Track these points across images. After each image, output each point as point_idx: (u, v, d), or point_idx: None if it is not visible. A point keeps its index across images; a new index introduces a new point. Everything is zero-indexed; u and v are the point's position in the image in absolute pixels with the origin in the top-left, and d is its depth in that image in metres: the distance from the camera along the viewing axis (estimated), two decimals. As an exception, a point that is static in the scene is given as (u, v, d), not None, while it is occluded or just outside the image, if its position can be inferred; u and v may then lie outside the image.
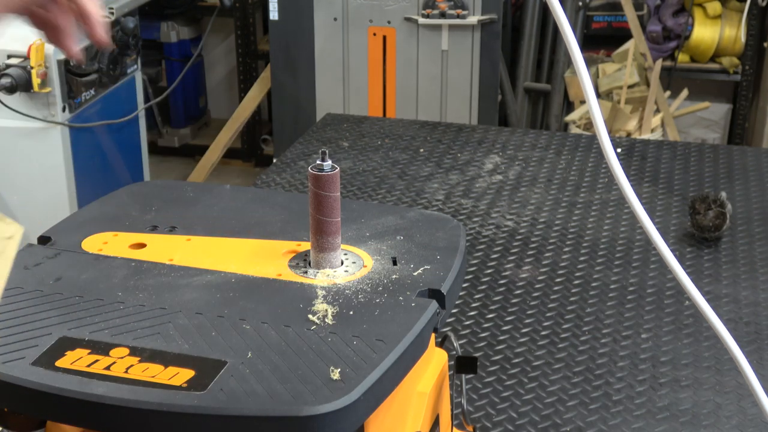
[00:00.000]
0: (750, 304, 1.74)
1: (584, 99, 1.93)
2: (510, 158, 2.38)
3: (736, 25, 4.22)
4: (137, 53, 3.38)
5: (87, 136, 3.14)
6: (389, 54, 3.60)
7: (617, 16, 4.36)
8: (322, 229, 1.02)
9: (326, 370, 0.85)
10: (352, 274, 1.03)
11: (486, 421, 1.44)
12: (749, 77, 4.29)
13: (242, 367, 0.86)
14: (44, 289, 0.99)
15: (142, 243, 1.08)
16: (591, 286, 1.79)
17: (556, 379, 1.53)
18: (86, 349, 0.89)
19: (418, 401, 1.02)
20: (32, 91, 2.90)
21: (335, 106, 3.66)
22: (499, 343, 1.62)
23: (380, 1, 3.54)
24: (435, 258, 1.06)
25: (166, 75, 4.85)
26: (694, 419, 1.43)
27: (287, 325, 0.92)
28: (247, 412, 0.81)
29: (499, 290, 1.78)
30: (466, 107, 3.61)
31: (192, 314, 0.94)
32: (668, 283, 1.79)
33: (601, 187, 2.21)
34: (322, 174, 1.00)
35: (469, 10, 3.47)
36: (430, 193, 2.19)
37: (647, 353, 1.59)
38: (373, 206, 1.24)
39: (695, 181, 2.26)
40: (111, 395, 0.82)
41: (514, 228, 2.02)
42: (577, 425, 1.42)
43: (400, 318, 0.94)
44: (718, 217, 1.93)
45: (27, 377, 0.85)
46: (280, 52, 3.74)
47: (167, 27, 4.78)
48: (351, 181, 2.24)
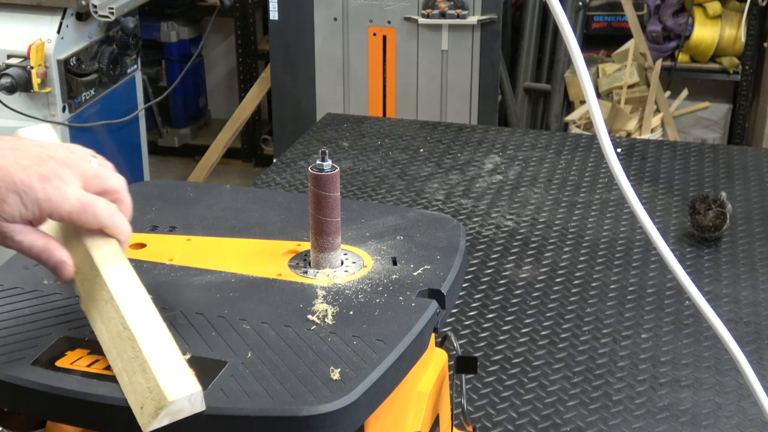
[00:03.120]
0: (750, 304, 1.74)
1: (584, 99, 1.93)
2: (510, 158, 2.38)
3: (736, 25, 4.22)
4: (137, 53, 3.37)
5: (87, 136, 3.14)
6: (389, 54, 3.60)
7: (617, 16, 4.36)
8: (322, 229, 1.02)
9: (326, 370, 0.85)
10: (352, 274, 1.02)
11: (486, 421, 1.44)
12: (749, 77, 4.29)
13: (242, 367, 0.86)
14: (44, 289, 0.99)
15: (142, 243, 1.08)
16: (591, 286, 1.79)
17: (556, 379, 1.53)
18: (86, 349, 0.89)
19: (418, 401, 1.02)
20: (32, 91, 2.90)
21: (335, 106, 3.66)
22: (499, 343, 1.62)
23: (380, 1, 3.54)
24: (435, 258, 1.06)
25: (166, 75, 4.85)
26: (694, 419, 1.43)
27: (287, 325, 0.92)
28: (247, 412, 0.81)
29: (499, 290, 1.78)
30: (466, 107, 3.61)
31: (192, 314, 0.94)
32: (668, 283, 1.79)
33: (601, 187, 2.21)
34: (322, 174, 1.00)
35: (469, 10, 3.47)
36: (430, 193, 2.19)
37: (647, 353, 1.59)
38: (373, 206, 1.24)
39: (695, 181, 2.26)
40: (111, 395, 0.82)
41: (514, 228, 2.02)
42: (577, 425, 1.42)
43: (400, 318, 0.94)
44: (718, 217, 1.93)
45: (27, 377, 0.85)
46: (280, 52, 3.74)
47: (167, 27, 4.78)
48: (351, 181, 2.24)
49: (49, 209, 0.87)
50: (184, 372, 0.81)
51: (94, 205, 0.89)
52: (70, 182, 0.88)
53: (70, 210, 0.88)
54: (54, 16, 2.96)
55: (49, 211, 0.87)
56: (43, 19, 2.95)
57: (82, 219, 0.89)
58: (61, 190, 0.87)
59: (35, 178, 0.86)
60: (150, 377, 0.80)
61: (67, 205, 0.87)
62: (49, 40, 2.92)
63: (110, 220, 0.90)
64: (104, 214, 0.89)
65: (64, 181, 0.88)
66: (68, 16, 2.98)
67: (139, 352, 0.82)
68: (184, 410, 0.79)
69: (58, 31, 2.94)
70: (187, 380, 0.80)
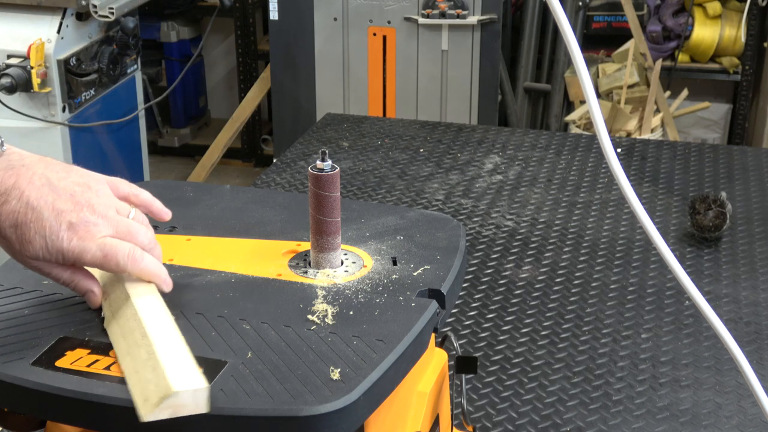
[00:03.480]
0: (750, 304, 1.74)
1: (584, 99, 1.93)
2: (510, 158, 2.38)
3: (736, 25, 4.22)
4: (137, 53, 3.37)
5: (87, 136, 3.14)
6: (389, 54, 3.60)
7: (617, 16, 4.35)
8: (322, 229, 1.02)
9: (326, 370, 0.85)
10: (352, 274, 1.03)
11: (486, 421, 1.44)
12: (749, 77, 4.29)
13: (242, 367, 0.86)
14: (44, 289, 0.99)
15: (142, 243, 1.08)
16: (591, 286, 1.79)
17: (556, 379, 1.53)
18: (86, 349, 0.89)
19: (418, 401, 1.02)
20: (32, 91, 2.90)
21: (335, 106, 3.66)
22: (499, 343, 1.62)
23: (380, 1, 3.54)
24: (435, 258, 1.06)
25: (166, 75, 4.85)
26: (694, 419, 1.43)
27: (287, 325, 0.92)
28: (247, 412, 0.81)
29: (499, 290, 1.78)
30: (466, 107, 3.61)
31: (192, 314, 0.94)
32: (668, 283, 1.79)
33: (601, 187, 2.21)
34: (322, 174, 1.00)
35: (469, 10, 3.47)
36: (430, 193, 2.19)
37: (647, 353, 1.59)
38: (373, 206, 1.24)
39: (695, 181, 2.26)
40: (111, 395, 0.82)
41: (514, 228, 2.02)
42: (577, 425, 1.42)
43: (400, 318, 0.94)
44: (718, 217, 1.93)
45: (27, 377, 0.85)
46: (280, 52, 3.74)
47: (167, 27, 4.78)
48: (351, 181, 2.24)
49: (72, 258, 0.91)
50: (193, 369, 0.81)
51: (116, 253, 0.91)
52: (97, 234, 0.91)
53: (92, 260, 0.91)
54: (54, 16, 2.96)
55: (72, 260, 0.91)
56: (43, 19, 2.96)
57: (105, 267, 0.92)
58: (86, 241, 0.90)
59: (65, 227, 0.90)
60: (159, 372, 0.80)
61: (89, 255, 0.91)
62: (49, 40, 2.92)
63: (134, 266, 0.93)
64: (127, 261, 0.92)
65: (91, 233, 0.91)
66: (68, 16, 2.98)
67: (153, 354, 0.82)
68: (187, 406, 0.79)
69: (58, 31, 2.94)
70: (194, 376, 0.80)
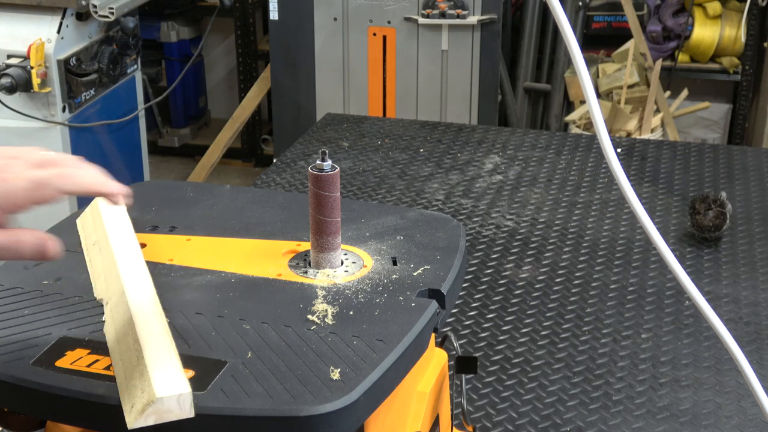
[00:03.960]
0: (750, 304, 1.74)
1: (584, 99, 1.93)
2: (510, 158, 2.38)
3: (736, 25, 4.22)
4: (137, 53, 3.38)
5: (87, 136, 3.14)
6: (389, 54, 3.60)
7: (617, 16, 4.36)
8: (322, 229, 1.02)
9: (326, 370, 0.85)
10: (352, 274, 1.03)
11: (486, 421, 1.44)
12: (749, 77, 4.29)
13: (242, 367, 0.86)
14: (44, 289, 0.99)
15: (142, 243, 1.08)
16: (591, 286, 1.79)
17: (556, 379, 1.53)
18: (86, 349, 0.89)
19: (418, 401, 1.02)
20: (32, 91, 2.90)
21: (335, 106, 3.66)
22: (499, 343, 1.62)
23: (380, 1, 3.54)
24: (435, 258, 1.06)
25: (166, 75, 4.85)
26: (694, 419, 1.43)
27: (287, 325, 0.92)
28: (247, 412, 0.81)
29: (499, 290, 1.78)
30: (466, 107, 3.61)
31: (192, 314, 0.94)
32: (668, 283, 1.79)
33: (601, 187, 2.21)
34: (322, 174, 1.00)
35: (469, 10, 3.47)
36: (430, 193, 2.19)
37: (647, 353, 1.59)
38: (373, 206, 1.24)
39: (695, 181, 2.26)
40: (111, 395, 0.82)
41: (514, 228, 2.02)
42: (577, 425, 1.42)
43: (400, 318, 0.94)
44: (718, 217, 1.93)
45: (27, 377, 0.85)
46: (280, 52, 3.74)
47: (167, 27, 4.78)
48: (351, 181, 2.24)
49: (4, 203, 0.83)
50: (178, 375, 0.81)
51: (48, 178, 0.84)
52: (18, 171, 0.84)
53: (24, 195, 0.83)
54: (54, 16, 2.96)
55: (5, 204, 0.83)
56: (43, 19, 2.96)
57: (40, 198, 0.84)
58: (9, 181, 0.83)
59: None
60: (145, 378, 0.80)
61: (19, 191, 0.83)
62: (49, 40, 2.92)
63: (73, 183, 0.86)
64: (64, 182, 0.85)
65: (12, 172, 0.84)
66: (68, 16, 2.98)
67: (141, 360, 0.82)
68: (172, 411, 0.78)
69: (58, 31, 2.94)
70: (178, 381, 0.80)
